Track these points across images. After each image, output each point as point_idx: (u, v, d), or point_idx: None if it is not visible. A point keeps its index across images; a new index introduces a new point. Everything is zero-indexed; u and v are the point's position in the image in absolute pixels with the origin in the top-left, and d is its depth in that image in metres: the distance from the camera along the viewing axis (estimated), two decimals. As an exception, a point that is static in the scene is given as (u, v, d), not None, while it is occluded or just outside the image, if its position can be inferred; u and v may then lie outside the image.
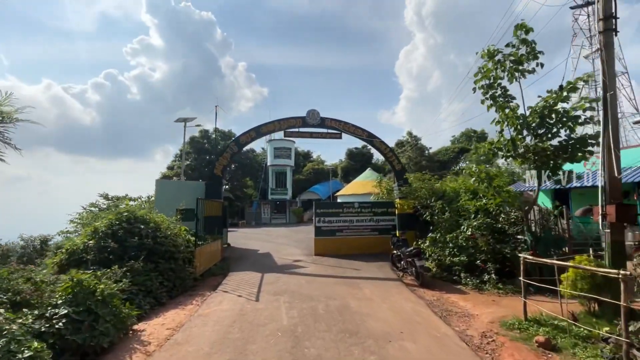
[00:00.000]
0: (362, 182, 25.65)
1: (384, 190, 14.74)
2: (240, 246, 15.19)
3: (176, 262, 7.72)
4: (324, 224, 12.44)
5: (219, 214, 11.60)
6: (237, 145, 12.30)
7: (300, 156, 49.86)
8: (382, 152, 13.32)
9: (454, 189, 10.58)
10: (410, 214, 12.70)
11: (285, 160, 36.89)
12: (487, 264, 7.83)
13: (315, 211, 12.46)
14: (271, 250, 13.75)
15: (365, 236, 12.62)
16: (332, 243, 12.36)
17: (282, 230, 23.46)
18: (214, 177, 11.82)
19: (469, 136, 49.12)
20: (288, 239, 17.61)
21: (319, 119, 12.90)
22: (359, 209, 12.75)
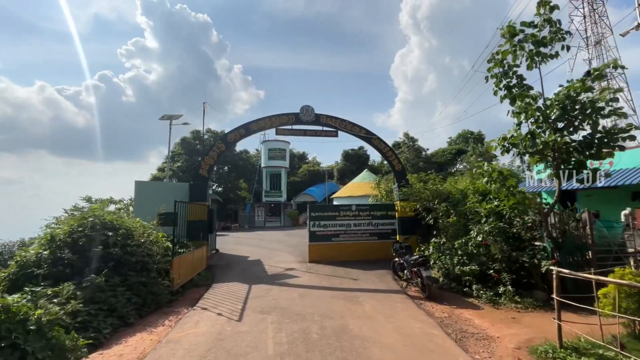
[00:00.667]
0: (359, 183, 24.81)
1: (383, 192, 13.87)
2: (230, 252, 14.19)
3: (149, 274, 6.74)
4: (319, 229, 11.52)
5: (204, 218, 10.63)
6: (225, 144, 11.36)
7: (296, 158, 48.98)
8: (381, 151, 12.47)
9: (461, 190, 9.73)
10: (411, 218, 11.85)
11: (279, 162, 35.93)
12: (501, 274, 6.96)
13: (310, 215, 11.54)
14: (262, 256, 12.78)
15: (364, 241, 11.72)
16: (328, 249, 11.45)
17: (276, 234, 22.47)
18: (199, 178, 10.86)
19: (465, 137, 48.64)
20: (281, 244, 16.64)
21: (313, 116, 12.01)
22: (356, 212, 11.85)
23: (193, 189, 10.74)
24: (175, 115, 14.62)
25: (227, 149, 11.47)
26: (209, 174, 11.14)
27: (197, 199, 10.64)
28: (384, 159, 49.31)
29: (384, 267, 10.35)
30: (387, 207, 12.23)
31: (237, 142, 11.56)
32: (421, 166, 39.36)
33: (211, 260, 11.90)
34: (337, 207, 11.91)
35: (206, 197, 10.84)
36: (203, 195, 10.77)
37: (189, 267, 8.56)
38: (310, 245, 11.41)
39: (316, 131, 12.19)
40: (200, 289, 8.22)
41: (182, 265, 8.02)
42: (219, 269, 10.50)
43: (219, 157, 11.32)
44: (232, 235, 22.77)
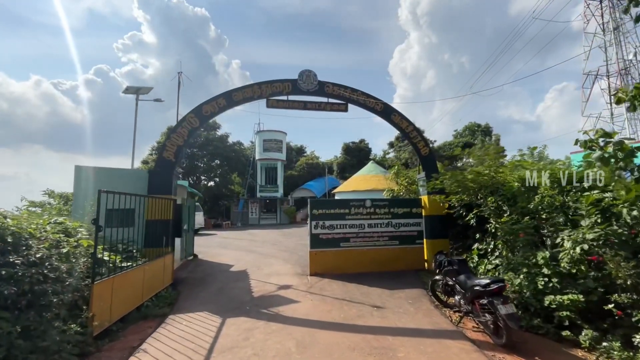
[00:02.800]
0: (364, 176, 22.10)
1: (404, 184, 11.13)
2: (211, 259, 11.41)
3: (44, 312, 3.97)
4: (323, 231, 8.76)
5: (169, 217, 7.84)
6: (199, 118, 8.52)
7: (293, 151, 46.16)
8: (403, 131, 9.70)
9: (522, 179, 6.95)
10: (442, 217, 9.13)
11: (275, 154, 33.07)
12: (629, 309, 4.26)
13: (311, 212, 8.78)
14: (251, 265, 10.01)
15: (382, 247, 8.99)
16: (336, 258, 8.71)
17: (271, 234, 19.71)
18: (163, 163, 8.06)
19: (472, 130, 46.01)
20: (276, 248, 13.86)
21: (315, 84, 9.21)
22: (371, 208, 9.11)
23: (154, 177, 7.93)
24: (144, 89, 11.76)
25: (201, 124, 8.66)
26: (177, 158, 8.32)
27: (160, 190, 7.85)
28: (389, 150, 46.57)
29: (412, 282, 7.66)
30: (411, 202, 9.49)
31: (215, 115, 8.75)
32: (428, 159, 36.71)
33: (182, 272, 9.13)
34: (346, 202, 9.14)
35: (172, 188, 8.04)
36: (167, 186, 7.97)
37: (133, 291, 5.77)
38: (312, 253, 8.66)
39: (319, 104, 9.39)
40: (148, 322, 5.46)
41: (119, 291, 5.23)
42: (188, 286, 7.73)
43: (190, 136, 8.50)
44: (221, 235, 19.98)
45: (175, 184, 8.43)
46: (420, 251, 9.22)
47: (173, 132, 8.34)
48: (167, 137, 8.26)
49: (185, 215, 10.07)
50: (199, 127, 8.52)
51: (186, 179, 33.10)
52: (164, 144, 8.22)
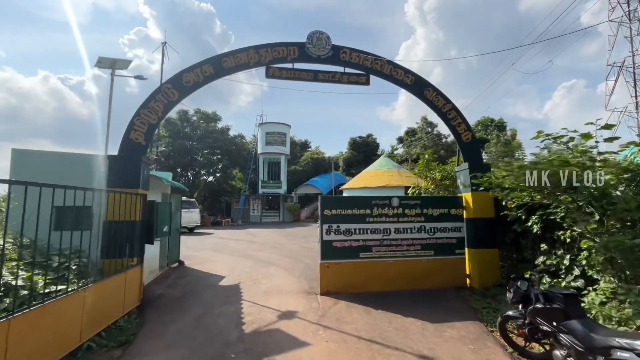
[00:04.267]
0: (375, 172, 20.06)
1: (437, 177, 9.09)
2: (200, 265, 9.51)
3: None
4: (337, 237, 6.79)
5: (136, 218, 5.90)
6: (178, 89, 6.55)
7: (297, 146, 44.17)
8: (439, 111, 7.66)
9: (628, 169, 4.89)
10: (490, 220, 7.13)
11: (279, 148, 31.13)
12: None
13: (322, 213, 6.81)
14: (246, 277, 8.08)
15: (413, 258, 7.01)
16: (354, 271, 6.74)
17: (273, 234, 17.79)
18: (129, 147, 6.12)
19: (485, 125, 43.63)
20: (277, 252, 11.92)
21: (328, 49, 7.21)
22: (399, 208, 7.12)
23: (116, 165, 5.98)
24: (121, 62, 9.77)
25: (180, 97, 6.68)
26: (148, 141, 6.37)
27: (124, 183, 5.92)
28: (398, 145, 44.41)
29: (458, 308, 5.71)
30: (449, 201, 7.47)
31: (198, 86, 6.77)
32: (442, 154, 34.59)
33: (159, 286, 7.22)
34: (367, 200, 7.13)
35: (140, 180, 6.08)
36: (134, 177, 6.03)
37: (61, 330, 3.84)
38: (324, 265, 6.69)
39: (334, 74, 7.37)
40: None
41: (30, 335, 3.30)
42: (160, 310, 5.82)
43: (166, 112, 6.53)
44: (218, 235, 18.10)
45: (147, 175, 6.48)
46: (460, 264, 7.22)
47: (144, 106, 6.37)
48: (136, 114, 6.31)
49: (166, 215, 8.15)
50: (178, 101, 6.57)
51: (184, 173, 31.29)
52: (131, 122, 6.26)
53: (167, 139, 29.65)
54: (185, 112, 31.07)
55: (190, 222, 19.83)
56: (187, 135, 30.29)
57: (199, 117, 31.62)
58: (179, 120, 30.72)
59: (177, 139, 29.40)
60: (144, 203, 6.20)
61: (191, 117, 31.48)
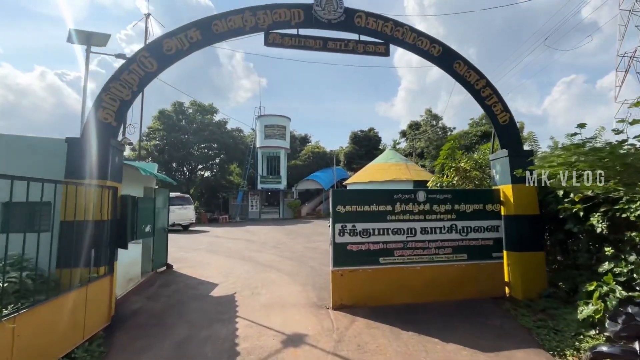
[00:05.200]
0: (381, 165, 18.86)
1: (466, 167, 7.88)
2: (191, 270, 8.34)
3: None
4: (353, 238, 5.60)
5: (105, 217, 4.70)
6: (157, 58, 5.32)
7: (297, 140, 42.79)
8: (471, 87, 6.45)
9: None
10: (535, 217, 5.97)
11: (278, 141, 29.85)
12: None
13: (334, 210, 5.61)
14: (243, 285, 6.91)
15: (443, 264, 5.84)
16: (373, 280, 5.58)
17: (273, 232, 16.62)
18: (96, 128, 4.89)
19: (490, 119, 42.17)
20: (279, 253, 10.76)
21: (340, 12, 5.97)
22: (426, 204, 5.93)
23: (76, 150, 4.75)
24: (98, 36, 8.43)
25: (160, 68, 5.44)
26: (120, 122, 5.15)
27: (88, 173, 4.70)
28: (400, 139, 43.20)
29: (506, 328, 4.57)
30: (484, 195, 6.27)
31: (182, 55, 5.53)
32: (448, 148, 33.38)
33: (138, 297, 6.04)
34: (388, 194, 5.92)
35: (108, 169, 4.85)
36: (101, 166, 4.80)
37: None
38: (337, 273, 5.51)
39: (347, 42, 6.12)
40: None
41: None
42: (133, 332, 4.63)
43: (142, 85, 5.29)
44: (214, 233, 16.92)
45: (118, 164, 5.26)
46: (498, 269, 6.06)
47: (114, 79, 5.13)
48: (105, 88, 5.07)
49: (148, 212, 6.94)
50: (157, 73, 5.34)
51: (180, 168, 30.03)
52: (98, 98, 5.02)
53: (162, 132, 28.35)
54: (180, 104, 29.73)
55: (184, 220, 18.66)
56: (183, 128, 28.96)
57: (194, 110, 30.28)
58: (173, 112, 29.38)
59: (171, 132, 28.08)
60: (115, 198, 4.99)
61: (187, 109, 30.13)
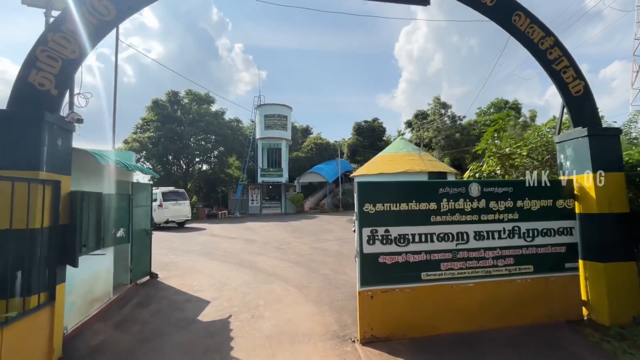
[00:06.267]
0: (393, 155, 17.35)
1: (523, 152, 6.35)
2: (179, 281, 6.95)
3: None
4: (386, 247, 4.16)
5: (39, 225, 3.26)
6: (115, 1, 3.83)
7: (298, 132, 41.22)
8: (535, 49, 4.96)
9: None
10: (623, 217, 4.52)
11: (279, 132, 28.34)
12: None
13: (361, 209, 4.17)
14: (241, 304, 5.51)
15: (503, 278, 4.42)
16: (414, 303, 4.16)
17: (275, 230, 15.24)
18: (25, 96, 3.47)
19: (499, 107, 40.61)
20: (283, 256, 9.37)
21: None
22: (480, 200, 4.48)
23: None
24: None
25: (120, 16, 3.94)
26: (62, 88, 3.68)
27: (10, 161, 3.25)
28: (406, 130, 41.60)
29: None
30: (553, 188, 4.79)
31: None
32: (458, 138, 31.89)
33: (104, 324, 4.63)
34: (432, 188, 4.46)
35: (41, 155, 3.40)
36: (30, 149, 3.35)
37: None
38: (366, 294, 4.09)
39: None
40: None
41: None
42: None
43: (96, 37, 3.81)
44: (211, 231, 15.54)
45: (64, 148, 3.78)
46: (573, 285, 4.64)
47: (54, 29, 3.64)
48: (40, 41, 3.58)
49: (121, 212, 5.52)
50: (115, 23, 3.87)
51: (176, 161, 28.55)
52: (31, 56, 3.55)
53: (156, 122, 26.81)
54: (175, 94, 28.13)
55: (179, 216, 17.28)
56: (178, 119, 27.39)
57: (190, 99, 28.68)
58: (168, 102, 27.81)
59: (166, 123, 26.53)
60: (56, 196, 3.54)
61: (182, 98, 28.54)
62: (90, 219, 4.88)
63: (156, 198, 16.76)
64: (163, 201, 16.66)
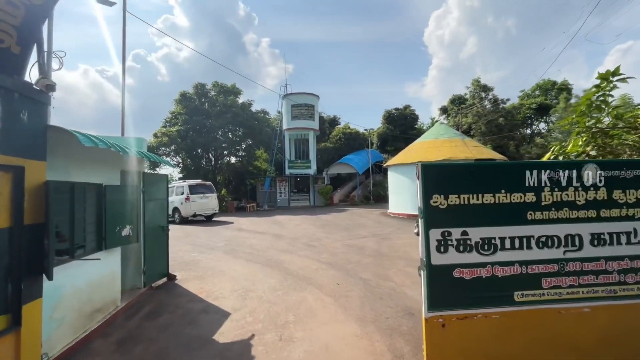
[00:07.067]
0: (433, 142, 15.68)
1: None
2: (198, 284, 6.13)
3: None
4: (464, 256, 2.95)
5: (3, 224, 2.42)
6: None
7: (326, 123, 39.94)
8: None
9: None
10: None
11: (306, 122, 27.32)
12: None
13: (427, 203, 2.97)
14: (266, 320, 4.54)
15: (632, 300, 3.05)
16: (502, 335, 2.93)
17: (304, 224, 14.31)
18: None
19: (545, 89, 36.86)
20: (314, 255, 8.36)
21: None
22: (598, 188, 3.11)
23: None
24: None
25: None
26: (26, 45, 2.79)
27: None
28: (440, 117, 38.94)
29: None
30: None
31: None
32: (501, 123, 29.19)
33: (107, 342, 3.83)
34: (528, 169, 3.17)
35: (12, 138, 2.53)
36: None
37: None
38: (436, 322, 2.92)
39: None
40: None
41: None
42: None
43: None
44: (238, 225, 14.91)
45: (32, 125, 2.89)
46: None
47: None
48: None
49: (127, 207, 4.71)
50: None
51: (205, 154, 28.45)
52: None
53: (184, 115, 26.75)
54: (202, 86, 27.90)
55: (206, 210, 16.84)
56: (205, 111, 27.17)
57: (217, 91, 28.34)
58: (195, 95, 27.64)
59: (193, 116, 26.38)
60: (18, 187, 2.66)
61: (209, 90, 28.27)
62: (88, 216, 4.08)
63: (183, 191, 16.43)
64: (190, 194, 16.26)
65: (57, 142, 3.44)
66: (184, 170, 27.45)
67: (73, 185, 3.73)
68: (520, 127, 32.06)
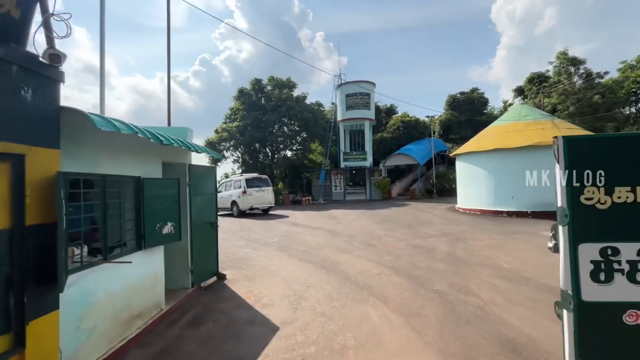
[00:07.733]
0: (514, 125, 13.33)
1: None
2: (246, 286, 5.62)
3: None
4: (632, 290, 1.75)
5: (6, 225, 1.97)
6: None
7: (382, 112, 37.96)
8: None
9: None
10: None
11: (362, 111, 26.06)
12: None
13: (576, 200, 1.85)
14: (320, 337, 3.74)
15: None
16: None
17: (361, 219, 13.32)
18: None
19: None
20: (374, 255, 7.38)
21: None
22: None
23: None
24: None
25: None
26: (28, 9, 2.29)
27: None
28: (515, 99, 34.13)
29: None
30: None
31: None
32: (597, 101, 24.48)
33: (148, 349, 3.39)
34: None
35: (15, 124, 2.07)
36: None
37: None
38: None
39: None
40: None
41: None
42: None
43: None
44: (293, 219, 14.53)
45: (45, 105, 2.42)
46: None
47: None
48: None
49: (167, 202, 4.28)
50: None
51: (262, 149, 28.97)
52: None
53: (242, 111, 27.44)
54: (258, 81, 28.29)
55: (263, 203, 16.86)
56: (262, 106, 27.53)
57: (273, 86, 28.52)
58: (252, 90, 28.15)
59: (251, 111, 26.91)
60: (18, 180, 2.19)
61: (265, 85, 28.59)
62: (126, 213, 3.69)
63: (241, 185, 16.65)
64: (247, 188, 16.40)
65: (81, 128, 3.01)
66: (243, 165, 28.33)
67: (104, 178, 3.32)
68: (623, 105, 26.50)
